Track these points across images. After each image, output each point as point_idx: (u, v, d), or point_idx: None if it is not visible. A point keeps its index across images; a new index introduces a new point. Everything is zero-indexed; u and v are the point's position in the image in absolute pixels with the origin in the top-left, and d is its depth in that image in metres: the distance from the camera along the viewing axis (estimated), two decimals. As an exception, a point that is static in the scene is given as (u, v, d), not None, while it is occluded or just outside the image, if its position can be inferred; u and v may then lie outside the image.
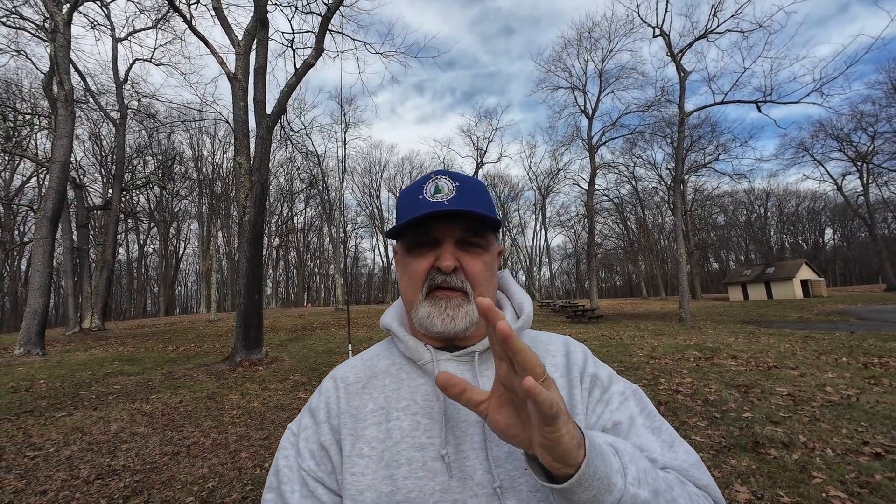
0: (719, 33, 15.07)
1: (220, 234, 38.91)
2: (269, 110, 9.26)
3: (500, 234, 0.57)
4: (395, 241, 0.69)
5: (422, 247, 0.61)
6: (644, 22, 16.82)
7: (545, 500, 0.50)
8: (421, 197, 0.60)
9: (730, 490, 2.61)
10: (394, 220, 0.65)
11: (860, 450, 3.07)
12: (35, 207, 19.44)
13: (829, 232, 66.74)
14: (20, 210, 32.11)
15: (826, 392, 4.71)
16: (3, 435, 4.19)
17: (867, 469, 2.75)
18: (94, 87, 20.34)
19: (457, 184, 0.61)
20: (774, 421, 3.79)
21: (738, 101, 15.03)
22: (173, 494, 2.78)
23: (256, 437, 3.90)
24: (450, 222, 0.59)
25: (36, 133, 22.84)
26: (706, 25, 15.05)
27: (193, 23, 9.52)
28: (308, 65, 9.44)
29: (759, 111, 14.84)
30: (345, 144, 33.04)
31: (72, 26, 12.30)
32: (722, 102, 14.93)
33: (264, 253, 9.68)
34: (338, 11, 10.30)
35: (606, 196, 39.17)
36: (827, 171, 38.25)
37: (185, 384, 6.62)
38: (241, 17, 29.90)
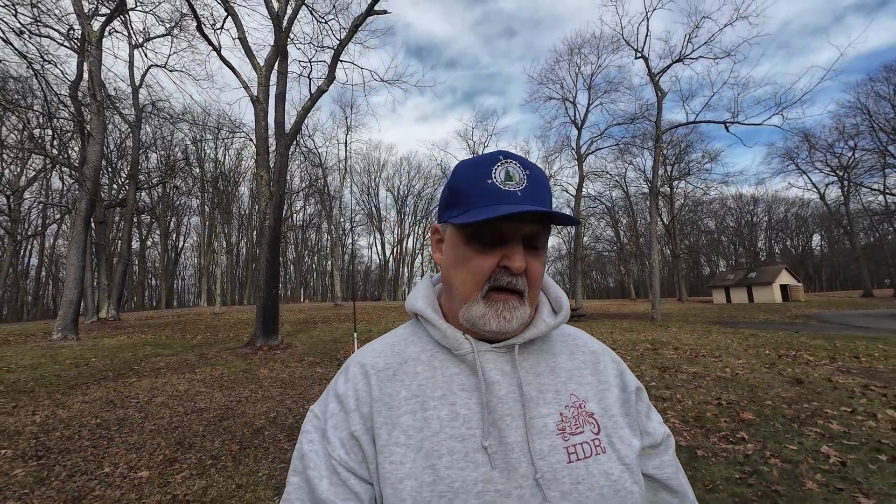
0: (693, 58, 16.56)
1: (222, 230, 40.15)
2: (286, 129, 10.64)
3: None
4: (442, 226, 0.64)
5: (487, 242, 0.56)
6: (628, 44, 18.26)
7: (587, 492, 0.52)
8: (490, 182, 0.54)
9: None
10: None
11: (710, 401, 4.51)
12: (70, 206, 20.81)
13: (816, 238, 68.76)
14: (34, 205, 33.28)
15: (723, 372, 6.16)
16: (99, 391, 5.56)
17: (704, 410, 4.20)
18: (112, 91, 21.62)
19: (527, 172, 0.56)
20: (669, 387, 5.24)
21: (708, 122, 16.58)
22: (249, 420, 4.19)
23: (293, 393, 5.31)
24: (521, 219, 0.54)
25: (56, 136, 24.06)
26: (681, 51, 16.53)
27: (220, 51, 10.86)
28: (321, 91, 10.83)
29: (727, 130, 16.33)
30: (347, 146, 34.39)
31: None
32: (693, 122, 16.42)
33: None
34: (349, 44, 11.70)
35: (599, 200, 40.72)
36: (811, 181, 40.01)
37: (219, 363, 8.00)
38: (259, 41, 30.96)
